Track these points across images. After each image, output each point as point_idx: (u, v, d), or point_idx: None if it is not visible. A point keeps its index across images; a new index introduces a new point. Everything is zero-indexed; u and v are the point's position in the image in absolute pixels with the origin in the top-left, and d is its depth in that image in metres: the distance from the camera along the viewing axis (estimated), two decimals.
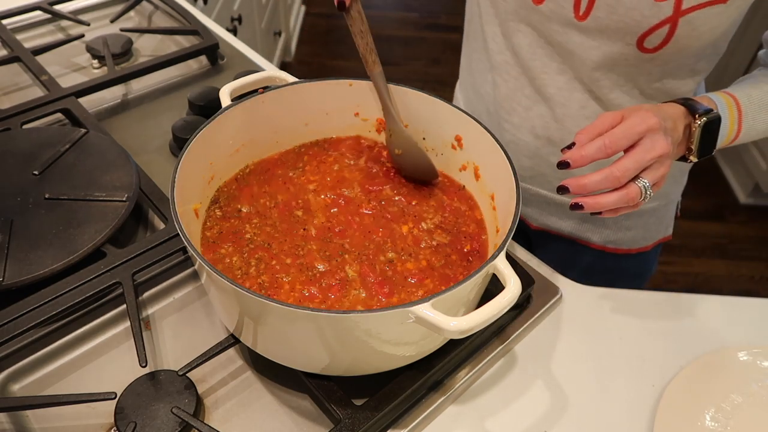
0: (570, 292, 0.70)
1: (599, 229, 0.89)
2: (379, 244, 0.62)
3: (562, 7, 0.68)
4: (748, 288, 2.01)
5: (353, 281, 0.58)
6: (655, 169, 0.58)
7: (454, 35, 3.12)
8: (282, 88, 0.68)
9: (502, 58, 0.78)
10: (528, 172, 0.85)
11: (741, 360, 0.63)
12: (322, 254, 0.60)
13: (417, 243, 0.63)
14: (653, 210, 0.88)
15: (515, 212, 0.54)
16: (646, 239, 0.91)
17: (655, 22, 0.63)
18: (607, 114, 0.59)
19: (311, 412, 0.58)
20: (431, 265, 0.61)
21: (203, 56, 1.01)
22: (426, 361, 0.58)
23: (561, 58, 0.73)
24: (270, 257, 0.60)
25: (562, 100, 0.76)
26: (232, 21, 1.93)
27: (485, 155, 0.64)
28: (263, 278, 0.58)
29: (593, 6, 0.65)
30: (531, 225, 0.93)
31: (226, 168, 0.67)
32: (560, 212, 0.89)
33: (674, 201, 0.92)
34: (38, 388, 0.59)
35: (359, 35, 0.66)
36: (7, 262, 0.64)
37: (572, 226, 0.89)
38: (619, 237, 0.89)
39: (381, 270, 0.59)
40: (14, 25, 1.07)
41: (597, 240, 0.90)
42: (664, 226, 0.92)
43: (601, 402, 0.61)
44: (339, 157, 0.71)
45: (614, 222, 0.88)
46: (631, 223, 0.88)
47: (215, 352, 0.58)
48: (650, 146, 0.57)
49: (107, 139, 0.79)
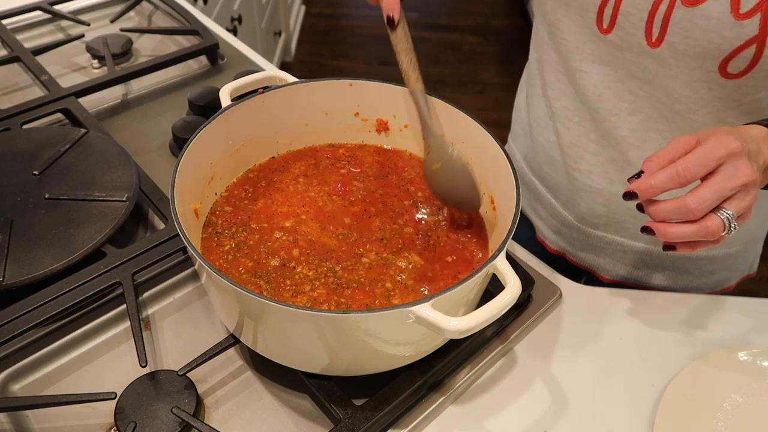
0: (570, 292, 0.70)
1: (680, 276, 0.81)
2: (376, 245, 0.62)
3: (633, 34, 0.62)
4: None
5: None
6: (740, 198, 0.51)
7: (454, 35, 3.12)
8: (282, 88, 0.67)
9: (560, 105, 0.74)
10: (602, 220, 0.78)
11: (741, 360, 0.63)
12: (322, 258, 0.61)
13: (414, 242, 0.63)
14: (739, 252, 0.81)
15: (515, 212, 0.54)
16: (730, 280, 0.84)
17: (738, 43, 0.56)
18: (680, 138, 0.53)
19: (311, 412, 0.58)
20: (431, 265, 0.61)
21: (203, 56, 1.01)
22: (426, 361, 0.58)
23: (633, 97, 0.67)
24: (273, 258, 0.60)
25: (636, 142, 0.69)
26: (232, 21, 1.93)
27: (485, 156, 0.64)
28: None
29: (666, 31, 0.59)
30: (602, 277, 0.84)
31: (226, 168, 0.67)
32: (636, 261, 0.80)
33: (761, 239, 0.83)
34: (38, 388, 0.59)
35: (404, 53, 0.64)
36: (7, 262, 0.64)
37: (649, 275, 0.81)
38: (702, 282, 0.82)
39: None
40: (14, 25, 1.07)
41: (677, 287, 0.82)
42: (748, 264, 0.85)
43: (601, 402, 0.61)
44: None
45: (697, 267, 0.80)
46: (714, 267, 0.80)
47: (215, 352, 0.58)
48: (732, 173, 0.50)
49: (107, 139, 0.79)
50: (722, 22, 0.56)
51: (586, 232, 0.81)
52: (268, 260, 0.60)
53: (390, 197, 0.68)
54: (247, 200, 0.66)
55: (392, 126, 0.72)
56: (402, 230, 0.64)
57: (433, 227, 0.65)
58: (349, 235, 0.63)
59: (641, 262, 0.80)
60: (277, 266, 0.59)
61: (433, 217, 0.66)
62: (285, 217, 0.65)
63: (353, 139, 0.74)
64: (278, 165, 0.71)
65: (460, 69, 2.90)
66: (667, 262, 0.80)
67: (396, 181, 0.70)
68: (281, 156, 0.72)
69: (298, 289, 0.57)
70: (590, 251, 0.83)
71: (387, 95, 0.70)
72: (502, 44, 3.07)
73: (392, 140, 0.73)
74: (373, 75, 0.72)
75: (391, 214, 0.66)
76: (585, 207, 0.79)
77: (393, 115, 0.71)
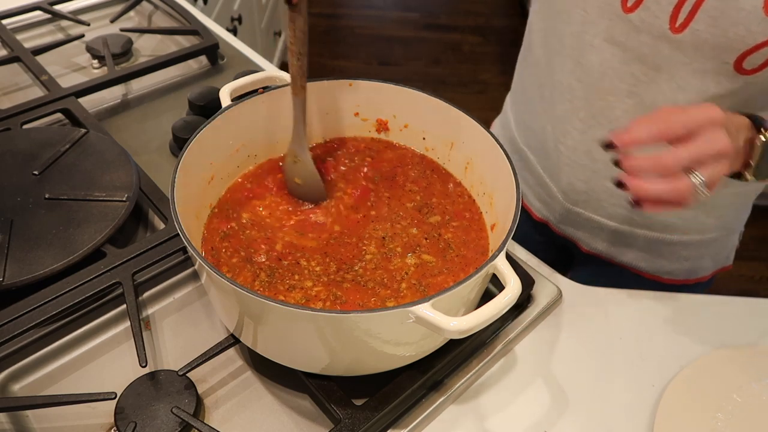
0: (570, 292, 0.70)
1: (654, 259, 0.83)
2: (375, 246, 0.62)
3: (657, 17, 0.61)
4: (748, 288, 2.01)
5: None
6: (713, 166, 0.52)
7: (454, 35, 3.12)
8: (282, 88, 0.67)
9: (561, 77, 0.73)
10: (582, 197, 0.80)
11: (741, 360, 0.63)
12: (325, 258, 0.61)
13: (414, 242, 0.63)
14: (713, 240, 0.82)
15: (515, 212, 0.54)
16: (704, 269, 0.85)
17: (762, 39, 0.56)
18: (666, 106, 0.54)
19: (311, 412, 0.58)
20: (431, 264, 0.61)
21: (203, 56, 1.01)
22: (426, 361, 0.58)
23: (634, 80, 0.67)
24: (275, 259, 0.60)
25: (626, 123, 0.67)
26: (232, 21, 1.93)
27: (485, 155, 0.64)
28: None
29: (693, 18, 0.59)
30: (582, 248, 0.88)
31: (226, 168, 0.67)
32: (612, 238, 0.83)
33: (737, 230, 0.86)
34: (38, 388, 0.59)
35: (297, 54, 0.61)
36: (7, 262, 0.64)
37: (623, 252, 0.84)
38: (675, 268, 0.84)
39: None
40: (14, 25, 1.07)
41: (650, 269, 0.85)
42: (724, 256, 0.86)
43: (601, 402, 0.61)
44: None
45: (671, 252, 0.82)
46: (688, 254, 0.82)
47: (215, 352, 0.58)
48: (710, 139, 0.51)
49: (107, 139, 0.79)
50: (752, 16, 0.56)
51: (566, 207, 0.84)
52: (268, 259, 0.60)
53: (392, 198, 0.68)
54: (247, 200, 0.66)
55: (392, 126, 0.72)
56: (405, 230, 0.64)
57: (433, 227, 0.65)
58: (349, 234, 0.63)
59: (616, 240, 0.83)
60: (278, 265, 0.59)
61: (433, 217, 0.66)
62: (286, 217, 0.65)
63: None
64: (278, 165, 0.71)
65: (460, 69, 2.90)
66: (641, 243, 0.82)
67: (401, 181, 0.69)
68: (281, 156, 0.72)
69: (296, 285, 0.57)
70: (570, 224, 0.86)
71: (387, 95, 0.70)
72: (502, 44, 3.07)
73: (392, 140, 0.73)
74: (373, 75, 0.72)
75: (392, 214, 0.66)
76: (566, 181, 0.81)
77: (393, 115, 0.71)
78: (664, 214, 0.78)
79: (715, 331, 0.67)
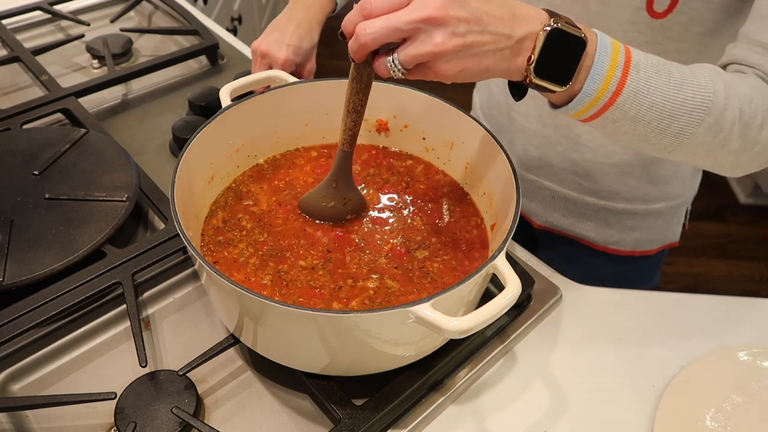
0: (570, 292, 0.70)
1: (602, 228, 0.88)
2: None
3: None
4: (748, 288, 2.01)
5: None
6: (416, 45, 0.46)
7: None
8: (282, 88, 0.67)
9: None
10: (535, 162, 0.84)
11: (741, 360, 0.63)
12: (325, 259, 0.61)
13: (414, 242, 0.63)
14: (659, 212, 0.86)
15: (515, 212, 0.54)
16: (650, 242, 0.89)
17: None
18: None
19: (311, 412, 0.58)
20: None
21: (203, 56, 1.01)
22: (426, 361, 0.58)
23: None
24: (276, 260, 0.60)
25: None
26: (232, 21, 1.93)
27: (485, 156, 0.64)
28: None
29: None
30: (534, 223, 0.92)
31: (226, 168, 0.67)
32: (563, 208, 0.88)
33: (683, 205, 0.89)
34: (38, 388, 0.59)
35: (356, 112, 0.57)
36: (7, 262, 0.64)
37: (574, 223, 0.88)
38: (622, 237, 0.88)
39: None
40: (14, 25, 1.07)
41: (599, 240, 0.89)
42: (670, 231, 0.90)
43: (601, 402, 0.61)
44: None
45: (617, 222, 0.86)
46: (634, 223, 0.86)
47: (215, 352, 0.58)
48: (417, 6, 0.45)
49: (107, 139, 0.79)
50: None
51: (521, 175, 0.87)
52: (268, 258, 0.60)
53: (393, 198, 0.68)
54: (247, 200, 0.66)
55: (392, 126, 0.72)
56: (407, 230, 0.64)
57: (434, 226, 0.65)
58: (348, 233, 0.63)
59: (567, 210, 0.88)
60: (277, 264, 0.59)
61: (434, 217, 0.66)
62: (286, 216, 0.65)
63: None
64: (278, 165, 0.71)
65: None
66: (590, 212, 0.87)
67: (398, 180, 0.70)
68: (281, 156, 0.72)
69: (296, 282, 0.57)
70: (525, 195, 0.89)
71: (387, 95, 0.70)
72: None
73: (392, 140, 0.73)
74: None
75: (392, 213, 0.66)
76: (521, 148, 0.85)
77: (393, 116, 0.71)
78: (610, 181, 0.82)
79: (715, 331, 0.67)
